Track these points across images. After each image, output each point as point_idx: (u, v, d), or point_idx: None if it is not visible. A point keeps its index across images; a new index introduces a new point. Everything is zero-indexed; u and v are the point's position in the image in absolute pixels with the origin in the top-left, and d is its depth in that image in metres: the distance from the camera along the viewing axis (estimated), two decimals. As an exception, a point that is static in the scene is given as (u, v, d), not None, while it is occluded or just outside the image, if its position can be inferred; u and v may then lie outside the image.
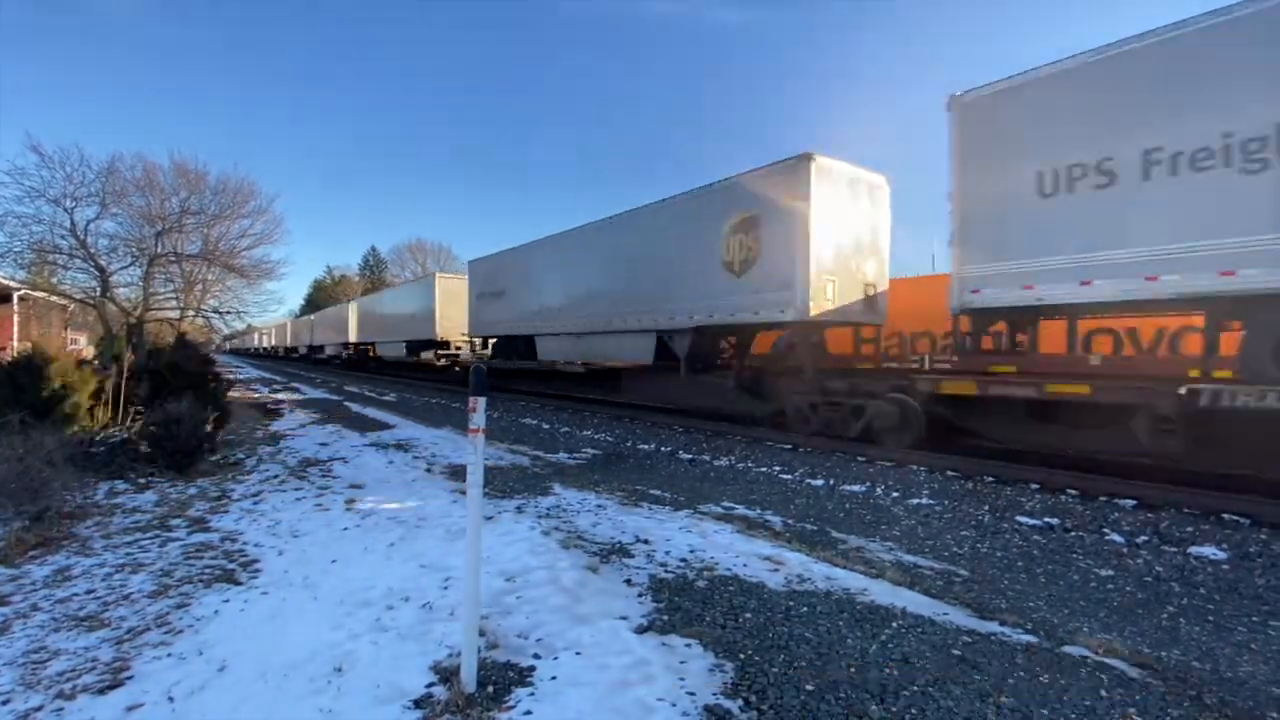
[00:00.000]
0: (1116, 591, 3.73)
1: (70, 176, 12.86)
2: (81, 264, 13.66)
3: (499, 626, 3.04)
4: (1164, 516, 5.01)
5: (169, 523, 5.10)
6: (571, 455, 8.35)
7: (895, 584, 3.65)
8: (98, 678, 2.78)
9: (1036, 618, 3.27)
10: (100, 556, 4.36)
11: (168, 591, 3.72)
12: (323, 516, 5.25)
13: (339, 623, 3.18)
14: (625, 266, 12.24)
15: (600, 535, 4.49)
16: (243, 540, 4.66)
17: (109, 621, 3.35)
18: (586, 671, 2.61)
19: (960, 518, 5.28)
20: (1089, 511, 5.22)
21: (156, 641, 3.10)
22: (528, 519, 4.93)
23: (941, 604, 3.37)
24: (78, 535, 4.81)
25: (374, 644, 2.92)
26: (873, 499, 5.95)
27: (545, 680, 2.54)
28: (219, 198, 15.39)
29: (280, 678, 2.67)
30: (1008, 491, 5.88)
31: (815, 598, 3.36)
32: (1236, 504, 5.11)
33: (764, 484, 6.64)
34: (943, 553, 4.43)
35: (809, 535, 4.78)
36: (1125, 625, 3.24)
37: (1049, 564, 4.20)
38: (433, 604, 3.34)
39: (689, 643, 2.84)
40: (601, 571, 3.76)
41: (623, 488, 6.26)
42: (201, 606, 3.49)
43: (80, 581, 3.92)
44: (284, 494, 6.08)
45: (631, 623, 3.06)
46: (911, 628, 3.00)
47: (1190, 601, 3.59)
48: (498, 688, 2.49)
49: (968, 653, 2.76)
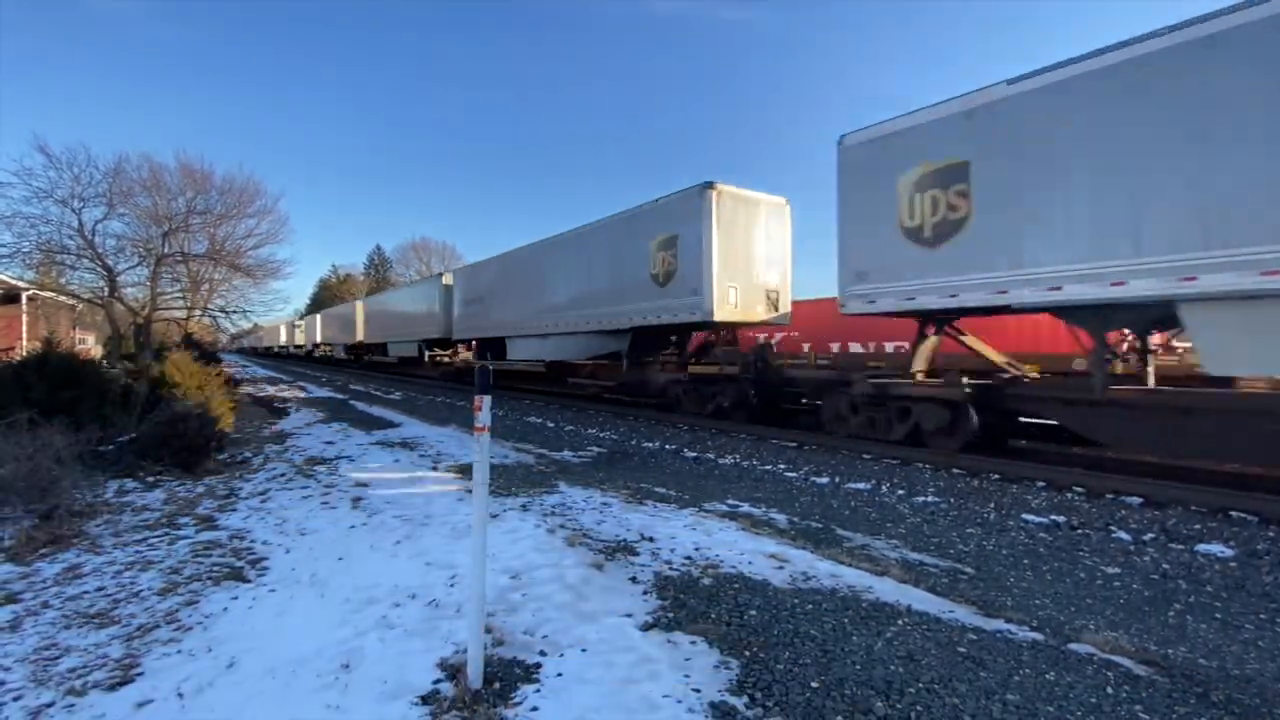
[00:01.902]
0: (1123, 589, 3.72)
1: (77, 177, 12.98)
2: (89, 264, 13.77)
3: (505, 624, 3.05)
4: (1171, 514, 4.99)
5: (177, 521, 5.14)
6: (576, 453, 8.37)
7: (900, 582, 3.65)
8: (108, 674, 2.81)
9: (1042, 615, 3.26)
10: (110, 554, 4.40)
11: (177, 589, 3.75)
12: (329, 514, 5.28)
13: (346, 620, 3.20)
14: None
15: (605, 533, 4.50)
16: (250, 538, 4.69)
17: (119, 619, 3.38)
18: (592, 668, 2.62)
19: (966, 515, 5.27)
20: (1095, 509, 5.21)
21: (166, 638, 3.12)
22: (533, 517, 4.94)
23: (947, 602, 3.37)
24: (87, 533, 4.85)
25: (381, 641, 2.94)
26: (878, 497, 5.94)
27: (551, 677, 2.55)
28: (224, 197, 15.51)
29: (288, 674, 2.69)
30: (1013, 489, 5.86)
31: (820, 595, 3.36)
32: (1245, 501, 5.07)
33: (769, 482, 6.64)
34: (948, 551, 4.43)
35: (814, 533, 4.78)
36: (1132, 623, 3.24)
37: (1055, 562, 4.19)
38: (439, 601, 3.36)
39: (694, 640, 2.85)
40: (606, 569, 3.77)
41: (627, 486, 6.27)
42: (210, 604, 3.51)
43: (90, 579, 3.96)
44: (291, 492, 6.12)
45: (637, 620, 3.07)
46: (917, 625, 3.00)
47: (1197, 599, 3.57)
48: (504, 684, 2.50)
49: (973, 650, 2.75)
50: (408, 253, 67.19)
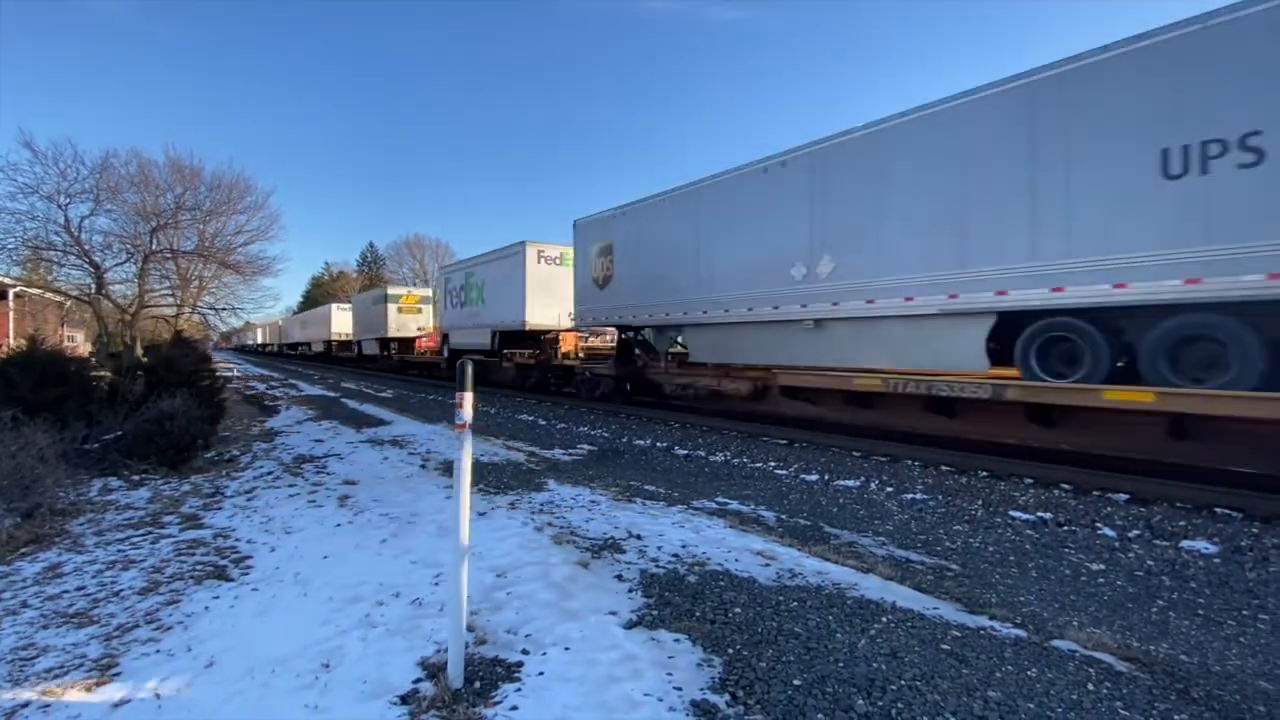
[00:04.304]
0: (1107, 585, 3.74)
1: (64, 173, 12.84)
2: (76, 261, 13.63)
3: (488, 622, 3.04)
4: (1156, 511, 5.01)
5: (162, 519, 5.10)
6: (567, 451, 8.35)
7: (886, 579, 3.65)
8: (85, 674, 2.78)
9: (1026, 612, 3.27)
10: (92, 553, 4.36)
11: (158, 588, 3.71)
12: (316, 513, 5.24)
13: (328, 619, 3.18)
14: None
15: (593, 531, 4.49)
16: (235, 537, 4.66)
17: (98, 618, 3.35)
18: (574, 667, 2.61)
19: (953, 512, 5.29)
20: (1082, 506, 5.23)
21: (145, 638, 3.09)
22: (521, 514, 4.92)
23: (932, 599, 3.37)
24: (70, 532, 4.81)
25: (362, 640, 2.92)
26: (866, 494, 5.95)
27: (532, 676, 2.53)
28: (214, 193, 15.35)
29: (268, 674, 2.67)
30: (1001, 486, 5.88)
31: (806, 593, 3.36)
32: (1229, 498, 5.10)
33: (759, 479, 6.64)
34: (935, 548, 4.43)
35: (802, 530, 4.78)
36: (1115, 619, 3.25)
37: (1041, 558, 4.21)
38: (423, 600, 3.34)
39: (678, 638, 2.84)
40: (592, 567, 3.75)
41: (617, 483, 6.25)
42: (192, 603, 3.48)
43: (71, 578, 3.92)
44: (278, 490, 6.08)
45: (621, 618, 3.05)
46: (901, 622, 3.00)
47: (1181, 595, 3.59)
48: (484, 683, 2.48)
49: (956, 647, 2.76)
50: (401, 250, 66.90)
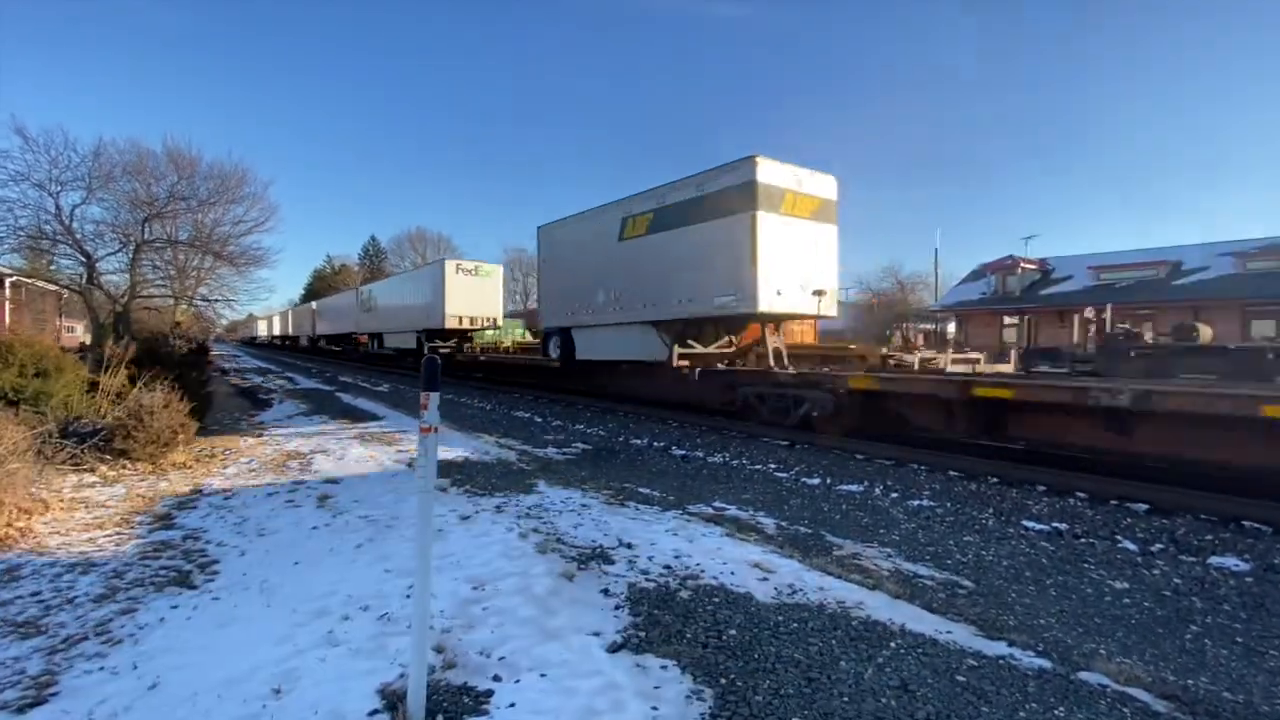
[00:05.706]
0: (1134, 607, 3.46)
1: (55, 160, 12.59)
2: (68, 250, 13.40)
3: (460, 642, 2.79)
4: (1179, 523, 4.73)
5: (132, 519, 4.87)
6: (561, 450, 8.09)
7: (894, 597, 3.39)
8: (20, 694, 2.55)
9: (1048, 637, 3.00)
10: (54, 555, 4.13)
11: (115, 595, 3.48)
12: (293, 514, 5.00)
13: (289, 634, 2.93)
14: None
15: (581, 538, 4.23)
16: (205, 539, 4.42)
17: (46, 628, 3.11)
18: (549, 697, 2.36)
19: (963, 521, 5.02)
20: (1099, 516, 4.95)
21: (92, 653, 2.86)
22: (506, 519, 4.67)
23: (944, 620, 3.11)
24: (35, 531, 4.57)
25: (321, 660, 2.67)
26: (871, 499, 5.68)
27: (502, 709, 2.28)
28: (209, 183, 15.09)
29: (213, 699, 2.43)
30: (1013, 493, 5.59)
31: (807, 612, 3.10)
32: (1256, 510, 4.81)
33: (758, 482, 6.38)
34: (945, 561, 4.16)
35: (802, 539, 4.51)
36: (1145, 647, 2.97)
37: (1059, 574, 3.93)
38: (392, 615, 3.09)
39: (665, 664, 2.58)
40: (578, 579, 3.50)
41: (610, 485, 6.00)
42: (148, 612, 3.25)
43: (28, 582, 3.69)
44: (258, 488, 5.84)
45: (605, 639, 2.80)
46: (911, 648, 2.74)
47: (1215, 620, 3.31)
48: (448, 716, 2.23)
49: (973, 679, 2.50)
50: (403, 243, 66.71)
